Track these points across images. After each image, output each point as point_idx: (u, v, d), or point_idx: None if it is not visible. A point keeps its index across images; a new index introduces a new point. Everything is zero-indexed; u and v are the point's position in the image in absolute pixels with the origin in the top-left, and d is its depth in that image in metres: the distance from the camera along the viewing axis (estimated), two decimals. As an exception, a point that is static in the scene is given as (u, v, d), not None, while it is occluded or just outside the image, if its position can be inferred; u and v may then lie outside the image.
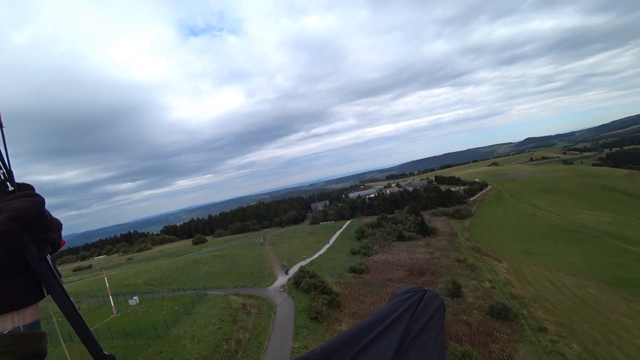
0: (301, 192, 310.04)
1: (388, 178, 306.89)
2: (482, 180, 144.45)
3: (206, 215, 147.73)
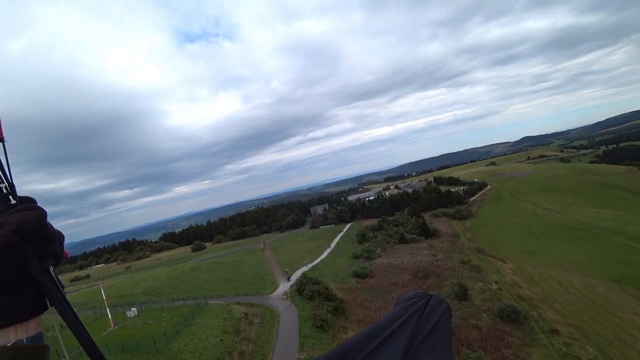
0: (300, 196, 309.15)
1: (386, 180, 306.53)
2: (481, 180, 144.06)
3: (205, 221, 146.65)
